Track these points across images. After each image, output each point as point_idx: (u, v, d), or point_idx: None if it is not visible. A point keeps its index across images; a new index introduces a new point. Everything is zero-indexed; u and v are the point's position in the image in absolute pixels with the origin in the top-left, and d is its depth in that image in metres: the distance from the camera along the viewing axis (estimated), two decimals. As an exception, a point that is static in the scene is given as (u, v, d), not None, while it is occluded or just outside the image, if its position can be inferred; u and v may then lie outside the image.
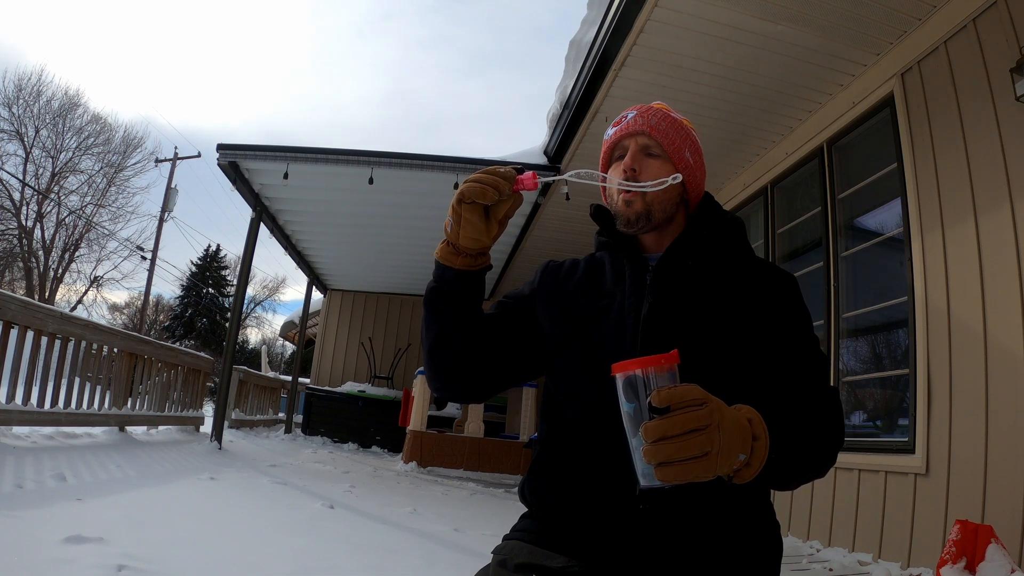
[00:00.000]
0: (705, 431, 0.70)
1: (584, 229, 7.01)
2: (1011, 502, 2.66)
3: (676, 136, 1.04)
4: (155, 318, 30.16)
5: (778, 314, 0.98)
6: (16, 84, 20.72)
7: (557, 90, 5.22)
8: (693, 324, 0.96)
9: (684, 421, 0.69)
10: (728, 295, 0.98)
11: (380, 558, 2.66)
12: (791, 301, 1.00)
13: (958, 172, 3.18)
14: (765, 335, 0.95)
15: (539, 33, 79.08)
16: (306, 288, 10.70)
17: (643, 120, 1.04)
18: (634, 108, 1.08)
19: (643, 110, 1.07)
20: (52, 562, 1.90)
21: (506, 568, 0.93)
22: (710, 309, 0.97)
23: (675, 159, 1.04)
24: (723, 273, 1.01)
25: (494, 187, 0.92)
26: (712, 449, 0.70)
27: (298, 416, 10.90)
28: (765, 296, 0.99)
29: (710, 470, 0.70)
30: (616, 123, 1.08)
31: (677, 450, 0.69)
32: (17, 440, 4.03)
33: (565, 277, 1.11)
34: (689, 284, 0.99)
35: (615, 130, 1.07)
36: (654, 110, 1.07)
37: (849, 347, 4.09)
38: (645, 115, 1.05)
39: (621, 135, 1.06)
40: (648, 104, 1.10)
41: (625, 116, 1.07)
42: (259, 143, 7.85)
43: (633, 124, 1.05)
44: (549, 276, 1.12)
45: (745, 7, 3.55)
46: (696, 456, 0.69)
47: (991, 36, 3.06)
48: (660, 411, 0.70)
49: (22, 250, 21.30)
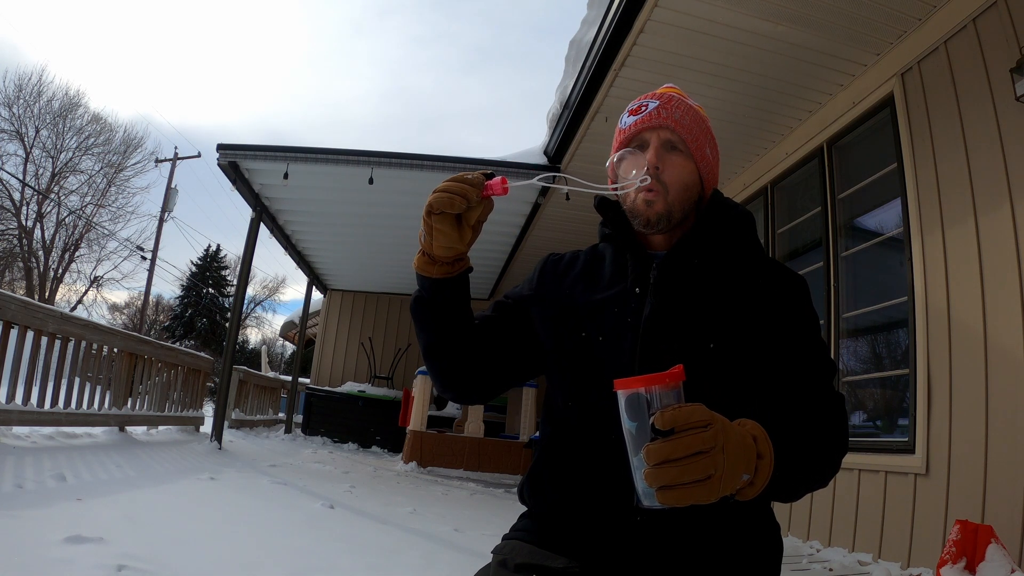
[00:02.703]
0: (709, 454, 0.67)
1: (584, 229, 7.01)
2: (1011, 502, 2.66)
3: (698, 131, 1.00)
4: (155, 318, 30.16)
5: (786, 318, 0.94)
6: (16, 84, 20.76)
7: (557, 90, 5.22)
8: (695, 328, 0.92)
9: (688, 444, 0.66)
10: (734, 297, 0.95)
11: (380, 558, 2.66)
12: (800, 305, 0.97)
13: (958, 172, 3.18)
14: (772, 340, 0.92)
15: (539, 30, 79.18)
16: (306, 288, 10.71)
17: (667, 113, 0.99)
18: (652, 96, 1.02)
19: (664, 101, 1.00)
20: (52, 562, 1.90)
21: (506, 568, 0.92)
22: (714, 312, 0.93)
23: (697, 156, 0.99)
24: (730, 272, 0.97)
25: (462, 195, 0.88)
26: (716, 472, 0.68)
27: (298, 416, 10.90)
28: (773, 298, 0.95)
29: (713, 493, 0.68)
30: (634, 111, 1.01)
31: (680, 474, 0.66)
32: (17, 440, 4.03)
33: (564, 271, 1.08)
34: (694, 285, 0.96)
35: (634, 119, 1.00)
36: (676, 100, 1.01)
37: (849, 347, 4.09)
38: (668, 107, 0.99)
39: (642, 127, 0.99)
40: (664, 90, 1.04)
41: (645, 105, 1.00)
42: (259, 143, 7.85)
43: (656, 116, 0.99)
44: (548, 273, 1.10)
45: (745, 7, 3.55)
46: (699, 479, 0.67)
47: (991, 36, 3.06)
48: (663, 432, 0.67)
49: (22, 250, 21.30)
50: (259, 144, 6.50)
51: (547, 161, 5.78)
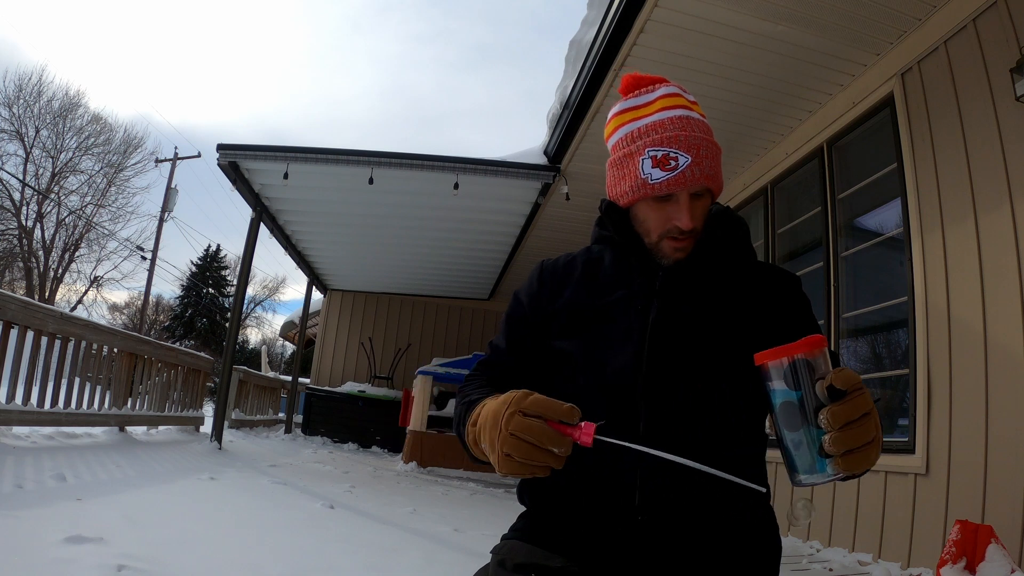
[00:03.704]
0: (871, 415, 0.66)
1: (584, 229, 7.00)
2: (1011, 502, 2.66)
3: (717, 161, 0.97)
4: (155, 318, 30.14)
5: (789, 314, 0.97)
6: (16, 84, 20.77)
7: (557, 90, 5.22)
8: (703, 331, 0.94)
9: (861, 404, 0.64)
10: (736, 300, 0.97)
11: (380, 558, 2.66)
12: (800, 300, 1.00)
13: (958, 172, 3.18)
14: (777, 336, 0.94)
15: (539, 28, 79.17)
16: (306, 288, 10.70)
17: (699, 171, 0.93)
18: (678, 143, 0.94)
19: (695, 155, 0.93)
20: (52, 562, 1.90)
21: (504, 568, 0.92)
22: (719, 315, 0.95)
23: (715, 190, 0.98)
24: (730, 277, 0.99)
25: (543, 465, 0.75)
26: (877, 433, 0.66)
27: (298, 416, 10.90)
28: (773, 298, 0.98)
29: (877, 455, 0.66)
30: (661, 162, 0.93)
31: (861, 434, 0.64)
32: (17, 440, 4.03)
33: (563, 277, 1.06)
34: (699, 289, 0.97)
35: (665, 177, 0.93)
36: (703, 144, 0.94)
37: (849, 347, 4.09)
38: (701, 164, 0.94)
39: (675, 189, 0.94)
40: (683, 120, 0.97)
41: (675, 160, 0.93)
42: (259, 143, 7.86)
43: (691, 178, 0.93)
44: (547, 283, 1.06)
45: (745, 7, 3.55)
46: (868, 442, 0.65)
47: (991, 36, 3.06)
48: (836, 396, 0.64)
49: (22, 250, 21.31)
50: (259, 144, 6.50)
51: (547, 161, 5.78)
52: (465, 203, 6.56)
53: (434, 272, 9.72)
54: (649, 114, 1.00)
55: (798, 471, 0.66)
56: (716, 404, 0.92)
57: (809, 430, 0.65)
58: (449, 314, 11.57)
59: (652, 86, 1.05)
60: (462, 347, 10.95)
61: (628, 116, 1.03)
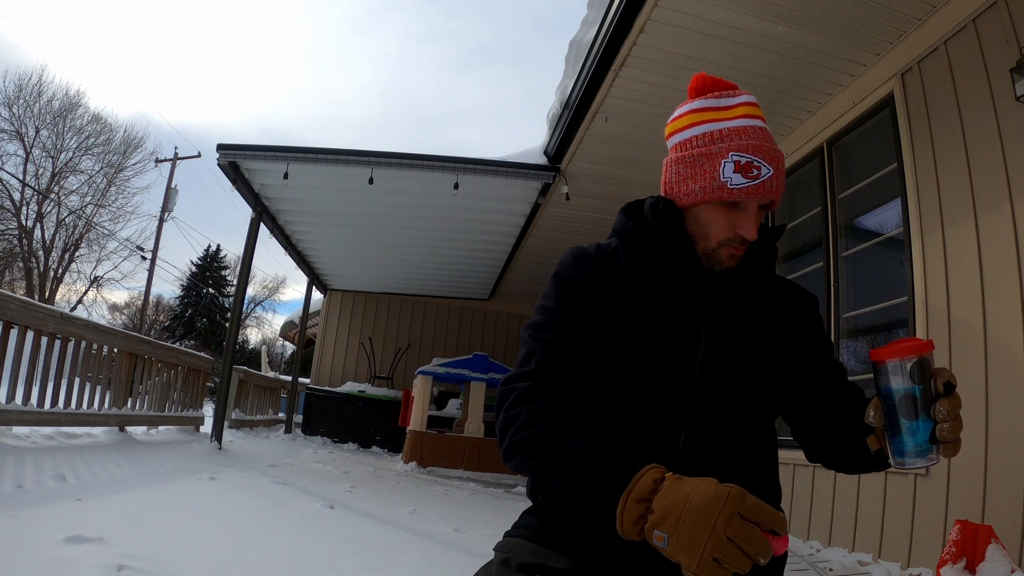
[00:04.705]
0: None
1: (584, 229, 7.01)
2: (1011, 502, 2.66)
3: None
4: (155, 318, 30.13)
5: (808, 331, 1.04)
6: (16, 84, 20.74)
7: (557, 90, 5.22)
8: (745, 340, 0.97)
9: (960, 400, 0.76)
10: (767, 312, 1.01)
11: (380, 558, 2.66)
12: (817, 319, 1.08)
13: (958, 172, 3.18)
14: (794, 351, 1.01)
15: (539, 28, 79.10)
16: (306, 288, 10.71)
17: (777, 185, 0.94)
18: (765, 157, 0.94)
19: (777, 169, 0.94)
20: (52, 562, 1.90)
21: (509, 567, 0.92)
22: (757, 325, 0.99)
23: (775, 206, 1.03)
24: (764, 290, 1.03)
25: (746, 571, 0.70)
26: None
27: (298, 416, 10.90)
28: (796, 315, 1.04)
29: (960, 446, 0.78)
30: (744, 168, 0.93)
31: (961, 425, 0.75)
32: (17, 440, 4.03)
33: (607, 269, 1.00)
34: (742, 299, 1.00)
35: (746, 184, 0.93)
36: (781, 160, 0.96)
37: (849, 347, 4.09)
38: (779, 178, 0.95)
39: (753, 199, 0.94)
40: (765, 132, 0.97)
41: (758, 169, 0.93)
42: (259, 143, 7.85)
43: (771, 190, 0.94)
44: (588, 279, 0.99)
45: (745, 7, 3.55)
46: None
47: (991, 36, 3.06)
48: (948, 390, 0.75)
49: (22, 250, 21.30)
50: (259, 144, 6.50)
51: (547, 161, 5.78)
52: (465, 203, 6.56)
53: (434, 272, 9.72)
54: (731, 118, 0.99)
55: (905, 455, 0.77)
56: (749, 412, 0.96)
57: (924, 419, 0.76)
58: (449, 314, 11.58)
59: (731, 91, 1.04)
60: (462, 347, 10.94)
61: (708, 115, 1.01)
